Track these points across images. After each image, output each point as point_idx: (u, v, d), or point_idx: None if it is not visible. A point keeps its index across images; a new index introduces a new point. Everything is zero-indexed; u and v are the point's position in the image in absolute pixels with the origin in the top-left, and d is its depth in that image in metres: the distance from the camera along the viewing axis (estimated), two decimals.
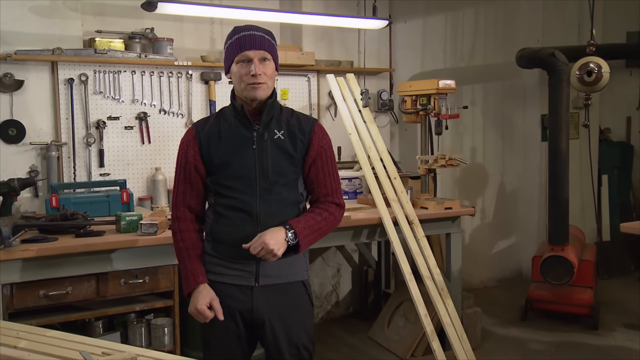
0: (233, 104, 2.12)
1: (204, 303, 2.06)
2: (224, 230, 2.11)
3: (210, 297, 2.08)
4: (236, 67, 2.06)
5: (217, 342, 2.18)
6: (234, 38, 2.08)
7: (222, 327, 2.12)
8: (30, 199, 3.61)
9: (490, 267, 5.63)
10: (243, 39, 2.05)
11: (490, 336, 4.33)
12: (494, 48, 5.41)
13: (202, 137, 2.11)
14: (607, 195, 5.97)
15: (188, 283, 2.11)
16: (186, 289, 2.12)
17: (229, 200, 2.09)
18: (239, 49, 2.04)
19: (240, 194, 2.08)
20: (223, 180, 2.09)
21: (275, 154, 2.10)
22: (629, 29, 5.59)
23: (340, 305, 4.84)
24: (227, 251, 2.11)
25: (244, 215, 2.08)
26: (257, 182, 2.08)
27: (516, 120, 5.66)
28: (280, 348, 2.14)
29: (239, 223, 2.08)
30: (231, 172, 2.08)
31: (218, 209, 2.13)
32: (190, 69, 3.99)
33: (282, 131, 2.12)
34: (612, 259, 5.79)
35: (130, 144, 3.87)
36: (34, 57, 3.50)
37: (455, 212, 3.84)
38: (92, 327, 3.16)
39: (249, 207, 2.07)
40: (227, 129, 2.10)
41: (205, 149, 2.10)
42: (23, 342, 1.74)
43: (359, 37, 4.58)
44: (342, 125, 4.04)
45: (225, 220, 2.11)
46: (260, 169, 2.08)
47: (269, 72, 2.07)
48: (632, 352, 4.02)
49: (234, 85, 2.11)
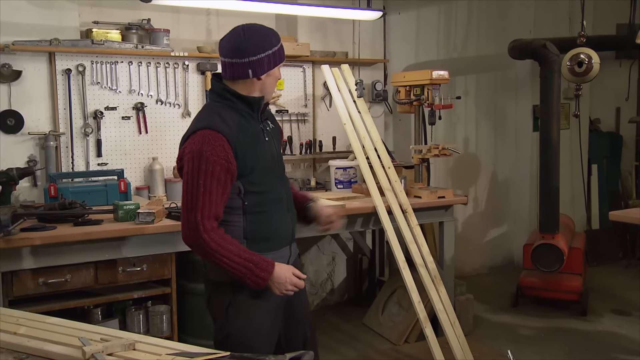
0: (245, 99, 2.08)
1: (292, 273, 2.04)
2: (263, 227, 2.09)
3: (290, 268, 2.06)
4: (278, 71, 2.17)
5: (267, 342, 2.14)
6: (280, 45, 2.16)
7: (274, 327, 2.16)
8: (29, 188, 3.64)
9: (482, 255, 5.70)
10: (284, 48, 2.20)
11: (482, 322, 4.41)
12: (487, 39, 5.45)
13: (234, 141, 1.99)
14: (596, 185, 6.04)
15: (266, 269, 1.98)
16: (265, 277, 1.98)
17: (263, 196, 2.09)
18: (284, 57, 2.18)
19: (270, 186, 2.13)
20: (256, 178, 2.06)
21: (276, 142, 2.22)
22: (619, 21, 5.63)
23: (335, 293, 4.91)
24: (272, 245, 2.11)
25: (278, 204, 2.14)
26: (275, 173, 2.16)
27: (508, 110, 5.71)
28: (299, 315, 2.27)
29: (275, 214, 2.13)
30: (261, 168, 2.08)
31: (251, 208, 2.07)
32: (187, 60, 4.02)
33: (269, 121, 2.22)
34: (601, 247, 5.88)
35: (128, 134, 3.90)
36: (31, 48, 3.52)
37: (448, 201, 3.89)
38: (91, 314, 3.19)
39: (280, 196, 2.15)
40: (244, 125, 2.06)
41: (240, 153, 2.00)
42: (23, 329, 1.75)
43: (353, 28, 4.62)
44: (336, 116, 4.08)
45: (262, 217, 2.09)
46: (273, 160, 2.15)
47: None
48: (619, 336, 4.11)
49: (267, 86, 2.15)
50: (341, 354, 3.88)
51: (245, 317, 2.08)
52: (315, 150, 4.55)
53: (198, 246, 1.96)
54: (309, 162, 4.60)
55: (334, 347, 4.00)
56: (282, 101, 4.43)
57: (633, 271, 5.61)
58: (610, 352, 3.85)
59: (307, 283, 4.70)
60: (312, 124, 4.59)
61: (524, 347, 3.95)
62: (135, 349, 1.60)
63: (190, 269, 3.35)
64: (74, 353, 1.56)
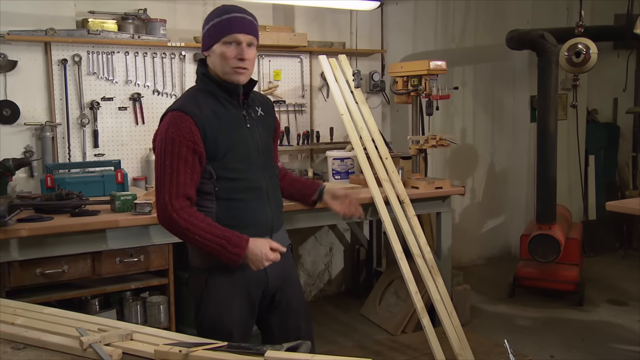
0: (222, 85, 2.05)
1: (269, 250, 1.96)
2: (237, 214, 2.05)
3: (266, 242, 1.98)
4: (222, 47, 1.99)
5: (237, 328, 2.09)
6: (223, 17, 2.00)
7: (243, 313, 2.10)
8: (25, 179, 3.63)
9: (480, 246, 5.72)
10: (235, 20, 1.99)
11: (479, 313, 4.43)
12: (485, 30, 5.44)
13: (202, 122, 1.97)
14: (593, 175, 6.05)
15: (240, 245, 1.93)
16: (239, 253, 1.93)
17: (238, 183, 2.05)
18: (229, 30, 1.98)
19: (248, 174, 2.07)
20: (229, 164, 2.03)
21: (262, 130, 2.14)
22: (617, 11, 5.62)
23: (333, 284, 4.92)
24: (246, 233, 1.99)
25: (255, 193, 2.08)
26: (256, 161, 2.09)
27: (506, 101, 5.71)
28: (292, 307, 2.22)
29: (251, 202, 2.07)
30: (236, 154, 2.04)
31: (224, 194, 2.04)
32: (184, 50, 4.00)
33: (259, 108, 2.16)
34: (598, 237, 5.90)
35: (125, 125, 3.89)
36: (27, 38, 3.50)
37: (445, 192, 3.89)
38: (89, 304, 3.20)
39: (258, 185, 2.09)
40: (221, 110, 2.03)
41: (209, 135, 1.97)
42: (20, 319, 1.75)
43: (351, 18, 4.60)
44: (334, 106, 4.06)
45: (236, 204, 2.05)
46: (255, 147, 2.09)
47: (252, 58, 2.05)
48: (616, 326, 4.13)
49: (214, 65, 2.04)
50: (339, 344, 3.90)
51: (217, 303, 2.07)
52: (312, 141, 4.54)
53: (169, 226, 1.97)
54: (306, 152, 4.60)
55: (331, 337, 4.01)
56: (280, 92, 4.41)
57: (629, 261, 5.63)
58: (606, 342, 3.87)
59: (304, 274, 4.74)
60: (310, 115, 4.58)
61: (521, 337, 3.96)
62: (132, 339, 1.60)
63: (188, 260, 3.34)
64: (72, 343, 1.56)
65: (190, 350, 1.47)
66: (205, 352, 1.47)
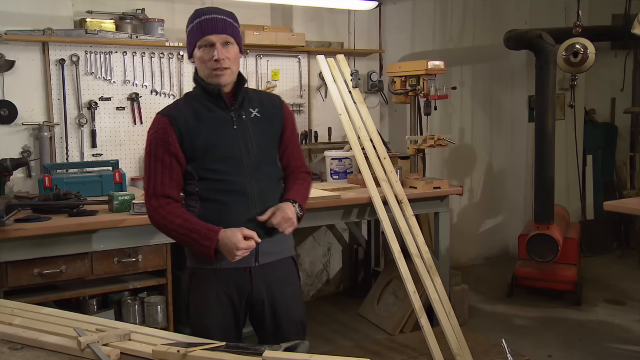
0: (205, 88, 2.05)
1: (240, 239, 1.93)
2: (218, 216, 2.02)
3: (238, 231, 1.95)
4: (199, 52, 2.02)
5: (216, 330, 2.07)
6: (195, 22, 2.02)
7: (221, 314, 2.09)
8: (23, 179, 3.62)
9: (478, 246, 5.72)
10: (204, 23, 2.00)
11: (477, 312, 4.43)
12: (483, 30, 5.44)
13: (178, 123, 2.00)
14: (591, 175, 6.06)
15: (209, 238, 1.95)
16: (210, 245, 1.95)
17: (218, 184, 2.04)
18: (200, 34, 1.99)
19: (230, 176, 2.03)
20: (209, 164, 2.03)
21: (256, 132, 2.09)
22: (615, 11, 5.63)
23: (331, 284, 4.92)
24: None
25: (238, 196, 2.04)
26: (244, 162, 2.05)
27: (504, 101, 5.71)
28: (280, 325, 2.13)
29: (233, 205, 2.03)
30: (217, 155, 2.03)
31: (205, 195, 2.05)
32: (182, 50, 3.99)
33: (256, 109, 2.11)
34: (595, 237, 5.91)
35: (122, 125, 3.89)
36: (24, 38, 3.50)
37: (443, 192, 3.89)
38: (87, 305, 3.20)
39: (242, 188, 2.04)
40: (203, 112, 2.04)
41: (185, 135, 2.00)
42: (18, 319, 1.75)
43: (349, 18, 4.60)
44: (332, 106, 4.06)
45: (216, 206, 2.04)
46: (245, 149, 2.05)
47: (232, 56, 2.03)
48: (613, 326, 4.13)
49: (199, 70, 2.07)
50: (337, 344, 3.90)
51: (199, 302, 2.12)
52: (310, 140, 4.54)
53: (152, 222, 2.06)
54: (304, 152, 4.58)
55: (329, 337, 4.01)
56: (278, 92, 4.41)
57: (627, 261, 5.64)
58: (604, 342, 3.87)
59: (302, 274, 4.73)
60: (308, 115, 4.58)
61: (519, 336, 3.97)
62: (130, 339, 1.60)
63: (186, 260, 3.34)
64: (70, 343, 1.56)
65: (188, 350, 1.47)
66: (203, 352, 1.47)
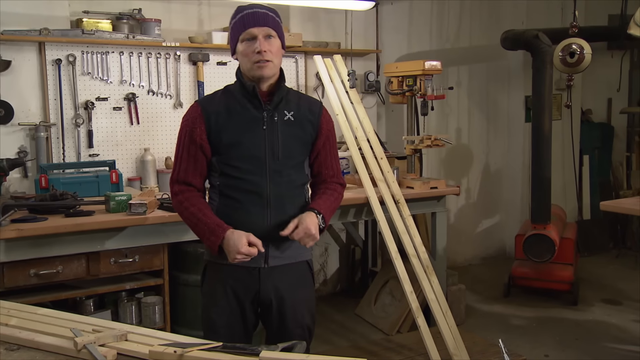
0: (243, 83, 2.06)
1: (244, 244, 1.95)
2: (232, 213, 2.05)
3: (244, 235, 1.97)
4: (241, 45, 2.02)
5: (222, 324, 2.11)
6: (237, 17, 2.03)
7: (228, 309, 2.10)
8: (19, 179, 3.62)
9: (475, 246, 5.73)
10: (247, 17, 2.01)
11: (474, 312, 4.44)
12: (479, 30, 5.45)
13: (209, 115, 2.03)
14: (587, 175, 6.07)
15: (216, 234, 1.99)
16: (215, 241, 1.99)
17: (237, 182, 2.04)
18: (242, 27, 2.00)
19: (249, 175, 2.03)
20: (232, 161, 2.04)
21: (286, 135, 2.07)
22: (611, 11, 5.64)
23: (328, 284, 4.92)
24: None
25: (254, 197, 2.04)
26: (266, 164, 2.04)
27: (500, 101, 5.72)
28: (287, 328, 2.13)
29: (248, 205, 2.04)
30: (241, 152, 2.03)
31: (225, 190, 2.07)
32: (178, 50, 3.99)
33: (291, 112, 2.09)
34: (592, 237, 5.92)
35: (119, 125, 3.88)
36: (21, 38, 3.49)
37: (440, 192, 3.89)
38: (83, 305, 3.19)
39: (259, 189, 2.04)
40: (236, 108, 2.05)
41: (214, 128, 2.02)
42: (14, 320, 1.74)
43: (346, 18, 4.60)
44: (329, 106, 4.04)
45: (232, 203, 2.06)
46: (270, 151, 2.04)
47: (275, 50, 2.03)
48: (610, 326, 4.14)
49: (241, 65, 2.07)
50: (334, 344, 3.89)
51: (208, 294, 2.17)
52: None
53: (173, 206, 2.14)
54: None
55: (326, 337, 4.01)
56: None
57: (623, 261, 5.65)
58: (600, 341, 3.88)
59: None
60: None
61: (516, 336, 3.97)
62: (127, 339, 1.59)
63: (183, 260, 3.35)
64: (66, 344, 1.55)
65: (185, 350, 1.46)
66: (199, 352, 1.46)
